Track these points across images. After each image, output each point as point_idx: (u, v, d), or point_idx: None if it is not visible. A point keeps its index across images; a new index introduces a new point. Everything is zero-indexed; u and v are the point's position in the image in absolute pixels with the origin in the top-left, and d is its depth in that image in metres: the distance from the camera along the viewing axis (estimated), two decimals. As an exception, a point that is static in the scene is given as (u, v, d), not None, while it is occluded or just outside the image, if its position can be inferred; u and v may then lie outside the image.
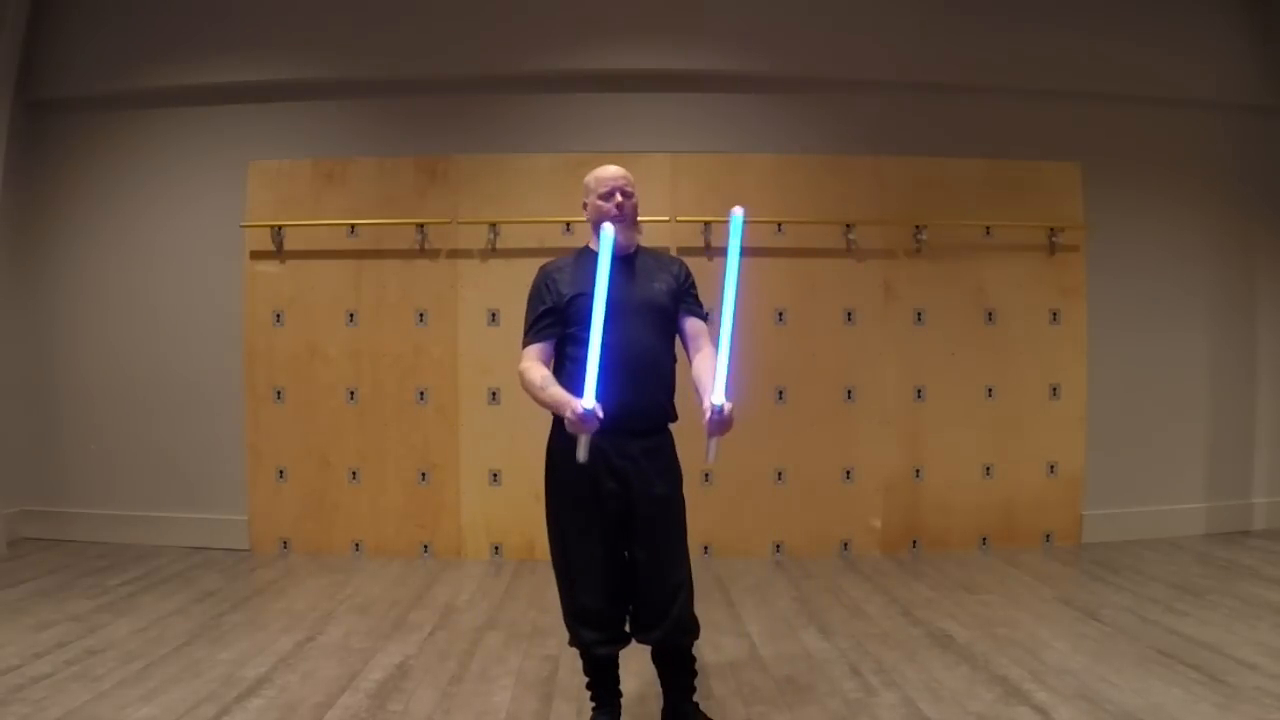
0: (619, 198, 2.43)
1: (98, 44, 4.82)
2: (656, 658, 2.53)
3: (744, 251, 2.32)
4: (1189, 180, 5.03)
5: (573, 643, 2.49)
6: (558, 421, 2.42)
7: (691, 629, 2.47)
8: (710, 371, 2.32)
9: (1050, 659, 3.10)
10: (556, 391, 2.30)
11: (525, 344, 2.46)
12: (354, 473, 4.78)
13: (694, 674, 2.57)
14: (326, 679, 2.97)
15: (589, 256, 2.44)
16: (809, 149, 4.82)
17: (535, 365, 2.40)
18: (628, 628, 2.49)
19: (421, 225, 4.69)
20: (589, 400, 2.18)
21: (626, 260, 2.43)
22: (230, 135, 4.84)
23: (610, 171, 2.47)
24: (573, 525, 2.43)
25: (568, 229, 4.61)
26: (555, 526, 2.48)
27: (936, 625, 3.51)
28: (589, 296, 2.28)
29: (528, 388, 2.38)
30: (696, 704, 2.57)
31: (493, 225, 4.68)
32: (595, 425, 2.20)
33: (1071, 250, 4.88)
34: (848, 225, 4.72)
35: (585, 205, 2.49)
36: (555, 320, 2.43)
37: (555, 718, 2.70)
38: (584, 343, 2.28)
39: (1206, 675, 2.91)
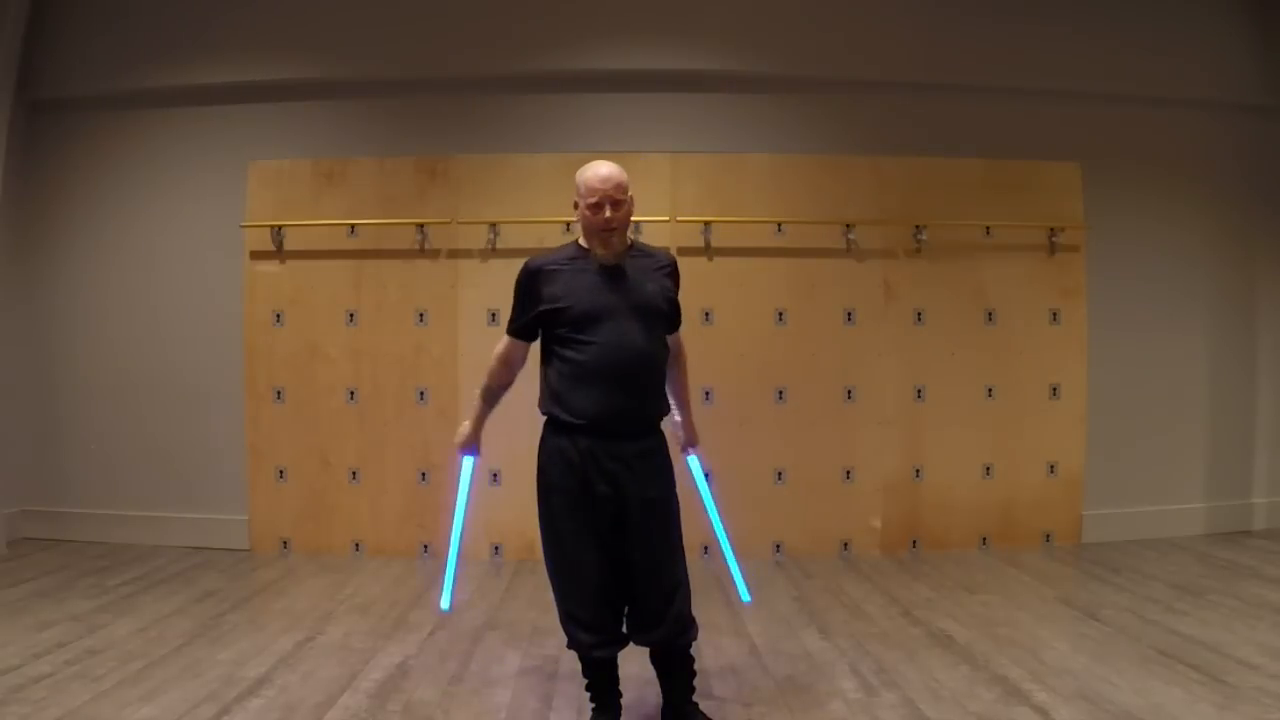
0: (608, 212, 2.34)
1: (98, 44, 4.82)
2: (655, 658, 2.54)
3: (744, 252, 2.38)
4: (1189, 180, 5.03)
5: (570, 646, 2.50)
6: (548, 425, 2.46)
7: (689, 629, 2.48)
8: (681, 399, 2.68)
9: (1050, 659, 3.10)
10: (480, 408, 2.61)
11: (508, 331, 2.54)
12: (354, 473, 4.78)
13: (693, 674, 2.57)
14: (326, 679, 2.97)
15: (583, 262, 2.43)
16: (808, 149, 4.82)
17: (500, 369, 2.57)
18: (624, 629, 2.49)
19: (421, 225, 4.69)
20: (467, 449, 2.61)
21: (617, 264, 2.43)
22: (230, 135, 4.84)
23: (600, 178, 2.34)
24: (567, 529, 2.42)
25: (568, 229, 4.60)
26: (549, 531, 2.46)
27: (936, 625, 3.51)
28: (583, 308, 2.36)
29: (487, 375, 2.59)
30: (696, 704, 2.56)
31: (493, 225, 4.68)
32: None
33: (1071, 250, 4.88)
34: (847, 225, 4.72)
35: (575, 205, 2.41)
36: (543, 322, 2.44)
37: (555, 718, 2.70)
38: (578, 346, 2.35)
39: (1206, 675, 2.91)
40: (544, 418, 2.48)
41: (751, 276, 4.71)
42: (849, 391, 4.80)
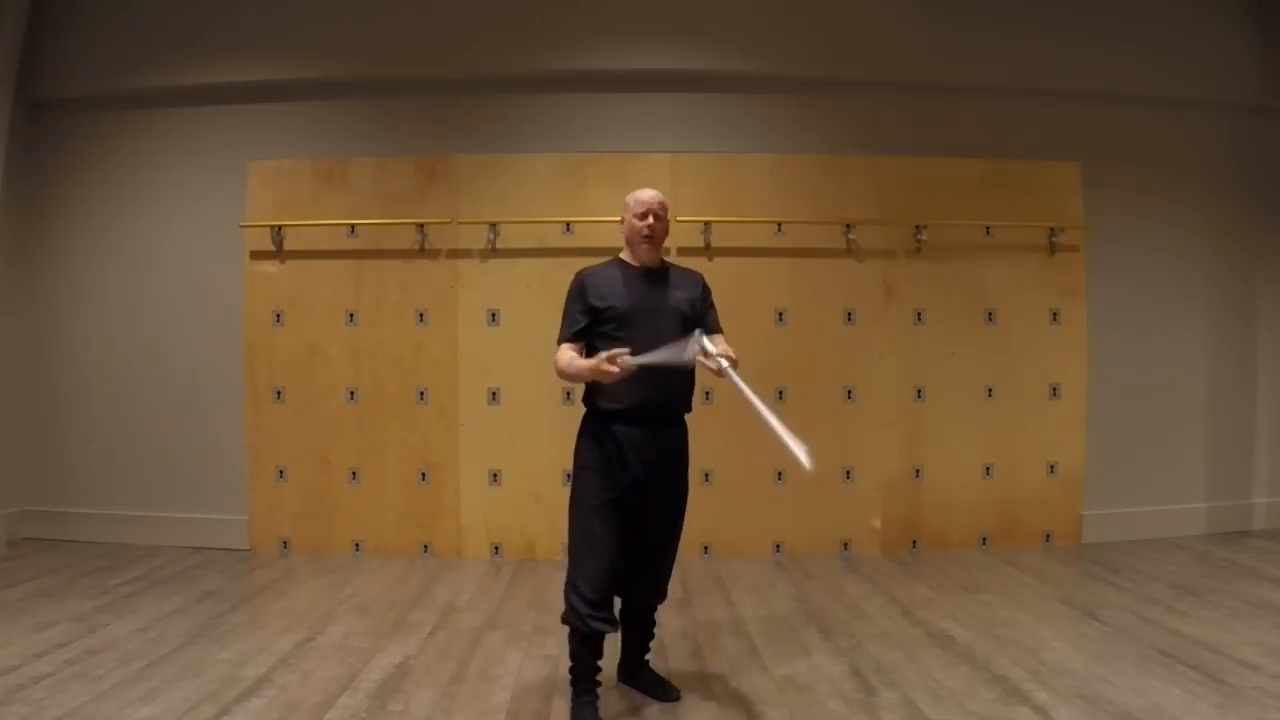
0: (651, 220, 2.73)
1: (98, 44, 4.82)
2: (632, 618, 2.86)
3: (744, 252, 2.39)
4: (1189, 180, 5.03)
5: (567, 617, 2.64)
6: (589, 414, 2.72)
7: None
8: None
9: (1050, 659, 3.10)
10: (582, 362, 2.59)
11: (561, 340, 2.72)
12: (354, 473, 4.78)
13: (652, 635, 2.94)
14: (326, 679, 2.97)
15: (625, 270, 2.75)
16: (808, 149, 4.82)
17: (565, 352, 2.67)
18: (617, 612, 2.72)
19: (421, 225, 4.69)
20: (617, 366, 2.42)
21: (655, 273, 2.76)
22: (230, 135, 4.84)
23: (649, 194, 2.77)
24: (595, 506, 2.63)
25: (568, 229, 4.61)
26: (578, 507, 2.68)
27: (936, 625, 3.52)
28: (623, 308, 2.64)
29: (560, 371, 2.67)
30: (648, 660, 2.93)
31: (493, 225, 4.68)
32: (633, 365, 2.42)
33: (1071, 250, 4.88)
34: (847, 225, 4.72)
35: (623, 220, 2.78)
36: (590, 323, 2.68)
37: (555, 718, 2.70)
38: (617, 341, 2.57)
39: (1206, 675, 2.91)
40: (585, 408, 2.75)
41: (751, 276, 4.71)
42: (849, 391, 4.80)
